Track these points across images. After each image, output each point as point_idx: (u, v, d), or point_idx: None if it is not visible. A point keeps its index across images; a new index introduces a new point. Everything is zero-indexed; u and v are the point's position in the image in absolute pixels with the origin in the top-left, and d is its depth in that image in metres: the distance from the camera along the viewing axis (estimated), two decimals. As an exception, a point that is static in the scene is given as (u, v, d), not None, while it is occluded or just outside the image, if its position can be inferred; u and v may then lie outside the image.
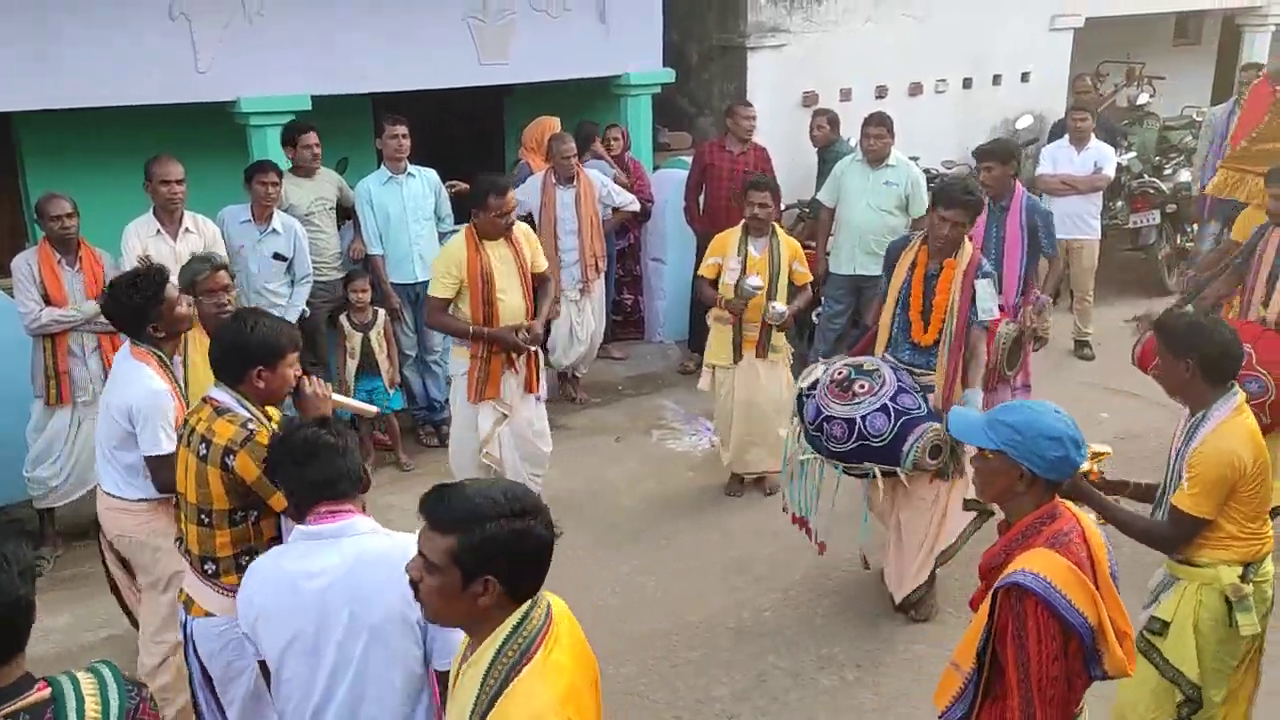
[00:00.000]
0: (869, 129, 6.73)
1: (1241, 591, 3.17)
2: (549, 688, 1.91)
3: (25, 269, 4.95)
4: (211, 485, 2.92)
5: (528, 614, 1.97)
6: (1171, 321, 3.32)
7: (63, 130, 6.45)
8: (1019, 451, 2.42)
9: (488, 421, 5.09)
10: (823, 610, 4.78)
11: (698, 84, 8.77)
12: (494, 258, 4.93)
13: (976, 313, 4.50)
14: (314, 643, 2.37)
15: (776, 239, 5.55)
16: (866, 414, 4.28)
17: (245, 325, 3.00)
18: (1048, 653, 2.29)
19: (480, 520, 1.91)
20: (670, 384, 7.53)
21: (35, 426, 5.10)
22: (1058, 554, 2.34)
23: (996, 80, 9.62)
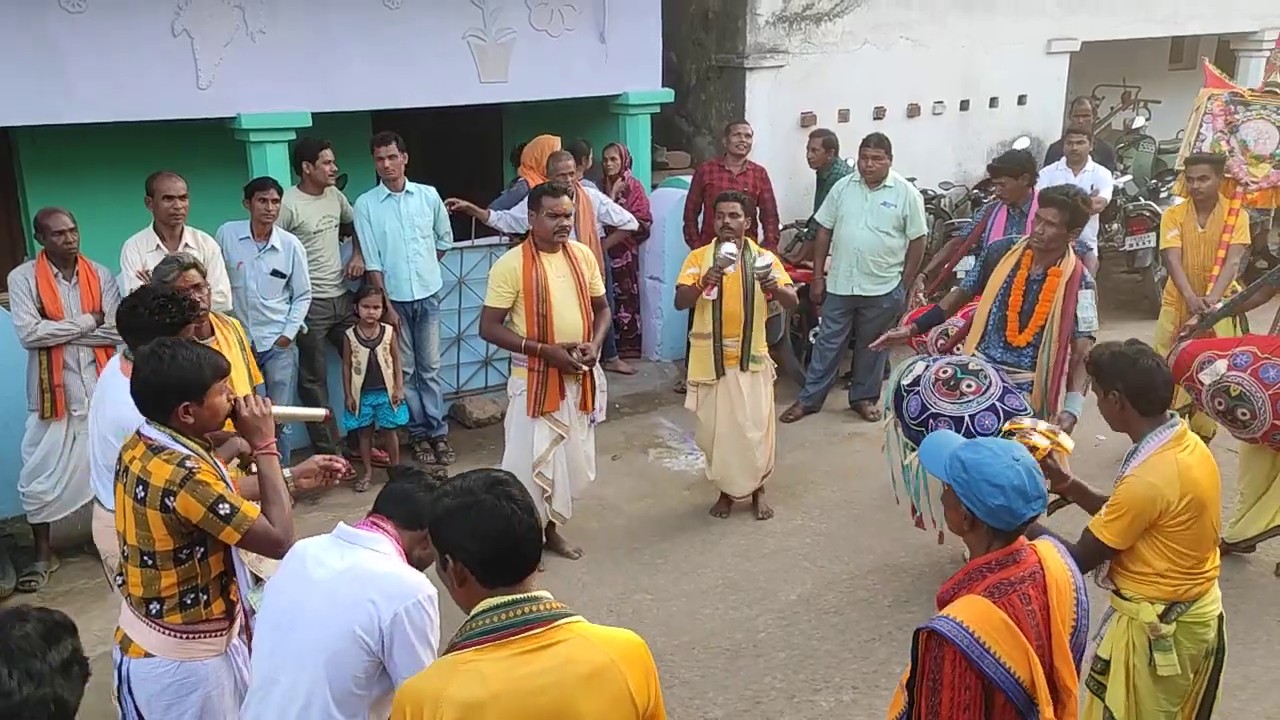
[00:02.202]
0: (867, 150, 6.76)
1: (1159, 630, 3.14)
2: (424, 681, 1.94)
3: (22, 282, 4.95)
4: (153, 528, 2.79)
5: (495, 608, 1.95)
6: (1096, 353, 3.30)
7: (62, 145, 6.46)
8: (962, 490, 2.37)
9: (544, 442, 5.08)
10: (819, 632, 4.76)
11: (696, 104, 8.81)
12: (551, 272, 4.95)
13: (1079, 322, 4.64)
14: (286, 620, 2.46)
15: (749, 252, 5.53)
16: (975, 413, 4.39)
17: (162, 361, 2.81)
18: (959, 701, 2.23)
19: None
20: (667, 402, 7.54)
21: (30, 440, 5.09)
22: (994, 605, 2.27)
23: (994, 103, 9.68)
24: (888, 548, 5.49)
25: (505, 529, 1.96)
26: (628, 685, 1.97)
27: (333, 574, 2.44)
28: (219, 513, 2.77)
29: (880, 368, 7.36)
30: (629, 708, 1.97)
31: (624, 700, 1.96)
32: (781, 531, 5.70)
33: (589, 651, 1.96)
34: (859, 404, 7.33)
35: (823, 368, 7.31)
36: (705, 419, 5.71)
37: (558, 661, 1.93)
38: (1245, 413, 4.58)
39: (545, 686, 1.91)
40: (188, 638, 2.91)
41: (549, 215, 4.89)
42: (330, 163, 6.11)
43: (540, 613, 1.97)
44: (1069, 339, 4.66)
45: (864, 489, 6.12)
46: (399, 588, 2.41)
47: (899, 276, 7.01)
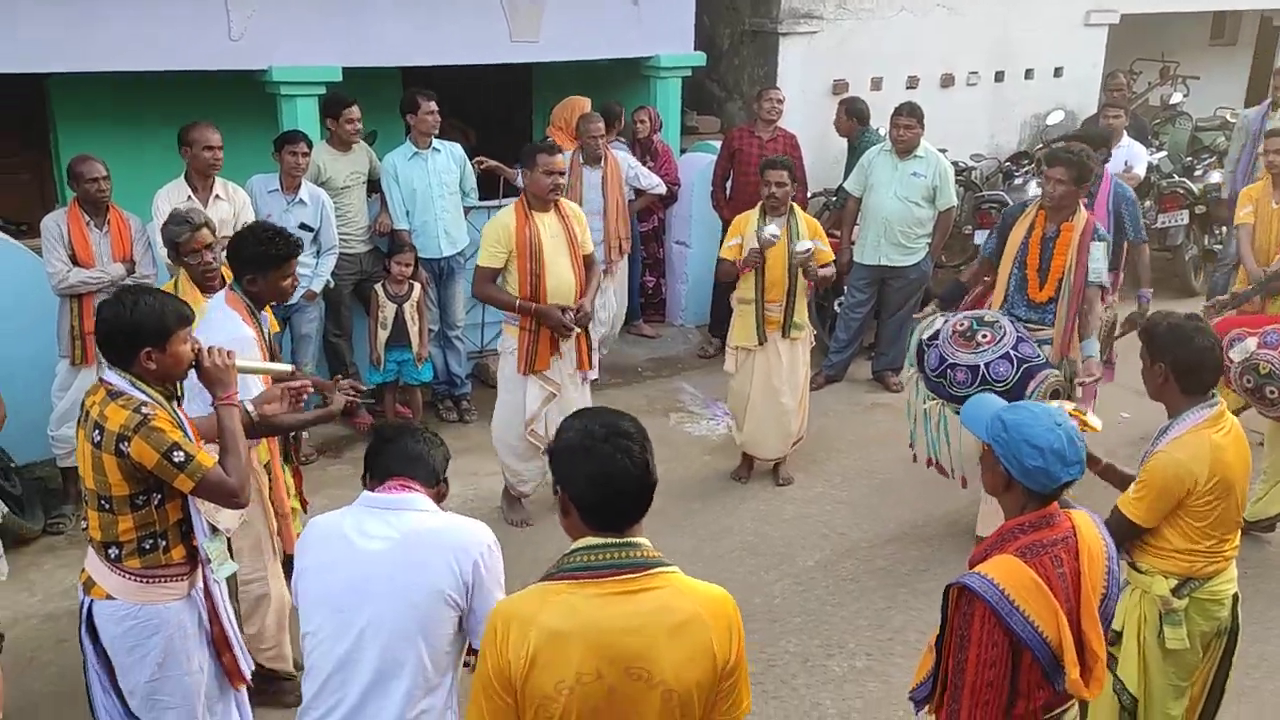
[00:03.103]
0: (899, 119, 6.70)
1: (1170, 604, 3.14)
2: (518, 602, 2.00)
3: (55, 229, 4.99)
4: (109, 472, 2.80)
5: (594, 547, 1.99)
6: (1153, 321, 3.26)
7: (95, 94, 6.49)
8: (1002, 450, 2.37)
9: (535, 399, 5.10)
10: (835, 598, 4.78)
11: (728, 68, 8.74)
12: (544, 230, 4.93)
13: (1089, 273, 4.79)
14: (350, 600, 2.40)
15: (795, 218, 5.52)
16: (990, 361, 4.57)
17: (124, 306, 2.80)
18: (986, 658, 2.25)
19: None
20: (689, 368, 7.54)
21: (60, 386, 5.16)
22: (1025, 565, 2.28)
23: (1029, 74, 9.55)
24: (907, 517, 5.50)
25: (612, 478, 1.98)
26: (711, 640, 1.99)
27: (391, 543, 2.40)
28: (173, 460, 2.78)
29: (905, 338, 7.30)
30: (709, 661, 1.99)
31: (706, 654, 1.98)
32: (801, 498, 5.72)
33: (679, 601, 1.99)
34: (882, 375, 7.31)
35: (847, 337, 7.28)
36: (740, 383, 5.71)
37: (647, 607, 1.97)
38: (1274, 390, 4.54)
39: (632, 629, 1.95)
40: (148, 582, 2.93)
41: (544, 173, 4.87)
42: (355, 120, 6.11)
43: (635, 559, 2.00)
44: (1081, 291, 4.79)
45: (885, 459, 6.12)
46: (468, 537, 2.41)
47: (926, 248, 6.96)
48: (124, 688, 2.99)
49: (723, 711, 2.05)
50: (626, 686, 1.94)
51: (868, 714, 4.04)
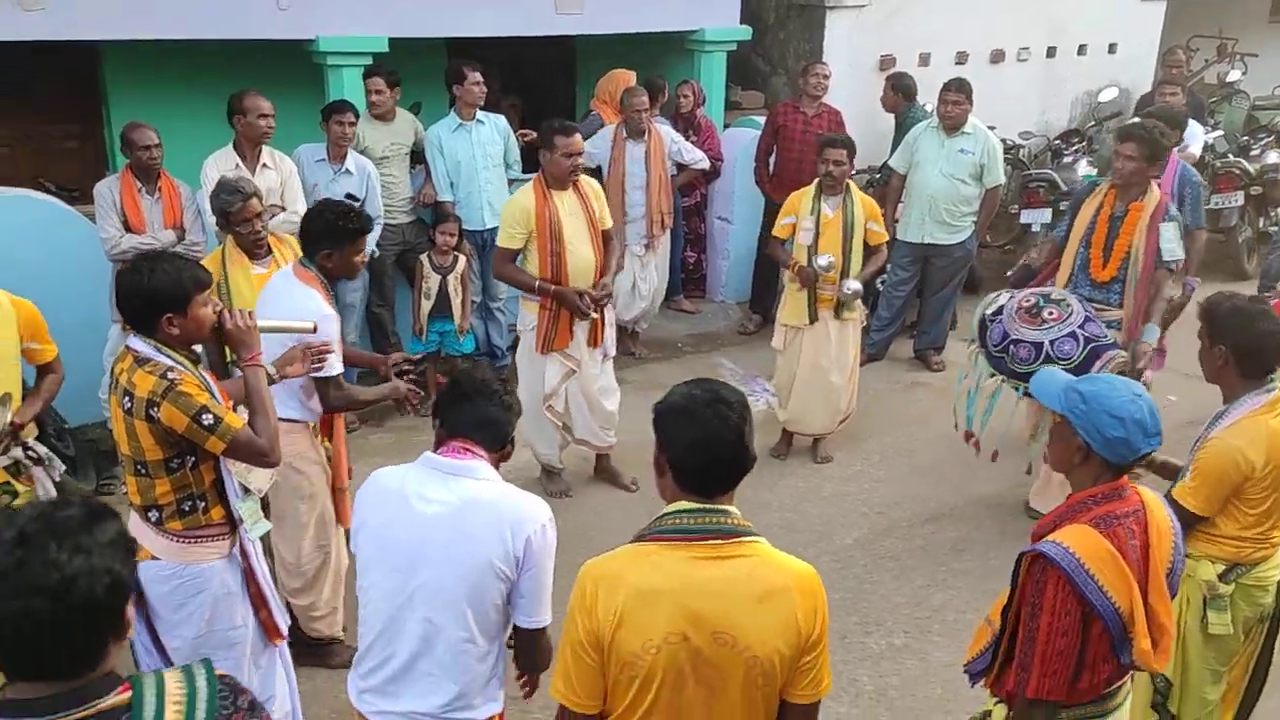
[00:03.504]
0: (947, 95, 6.60)
1: (1216, 590, 3.10)
2: (607, 562, 2.04)
3: (107, 195, 5.07)
4: (141, 438, 2.86)
5: (686, 511, 2.03)
6: (1213, 302, 3.19)
7: (147, 62, 6.57)
8: (1080, 422, 2.35)
9: (554, 376, 5.11)
10: (874, 576, 4.78)
11: (773, 43, 8.66)
12: (563, 209, 4.90)
13: (1161, 254, 4.73)
14: (406, 561, 2.43)
15: (851, 198, 5.47)
16: (1055, 338, 4.51)
17: (141, 274, 2.84)
18: (1058, 626, 2.25)
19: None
20: (729, 344, 7.53)
21: (112, 350, 5.25)
22: (1100, 534, 2.28)
23: (1082, 50, 9.36)
24: (947, 497, 5.47)
25: (711, 443, 2.02)
26: (797, 613, 2.01)
27: (450, 509, 2.42)
28: (202, 423, 2.83)
29: (947, 318, 7.26)
30: (794, 634, 2.01)
31: (791, 626, 2.00)
32: (840, 476, 5.70)
33: (767, 572, 2.02)
34: (923, 354, 7.25)
35: (889, 315, 7.22)
36: (787, 361, 5.69)
37: (737, 574, 1.99)
38: None
39: (720, 593, 1.97)
40: (190, 542, 3.00)
41: (563, 155, 4.82)
42: (373, 91, 6.11)
43: (726, 525, 2.03)
44: (1151, 271, 4.73)
45: (925, 438, 6.08)
46: (525, 513, 2.42)
47: (972, 226, 6.87)
48: (169, 646, 3.05)
49: (802, 687, 2.05)
50: (713, 651, 1.97)
51: (905, 691, 4.04)
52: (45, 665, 1.51)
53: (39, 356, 3.66)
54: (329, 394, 3.66)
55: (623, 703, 2.02)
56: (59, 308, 5.33)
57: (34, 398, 3.64)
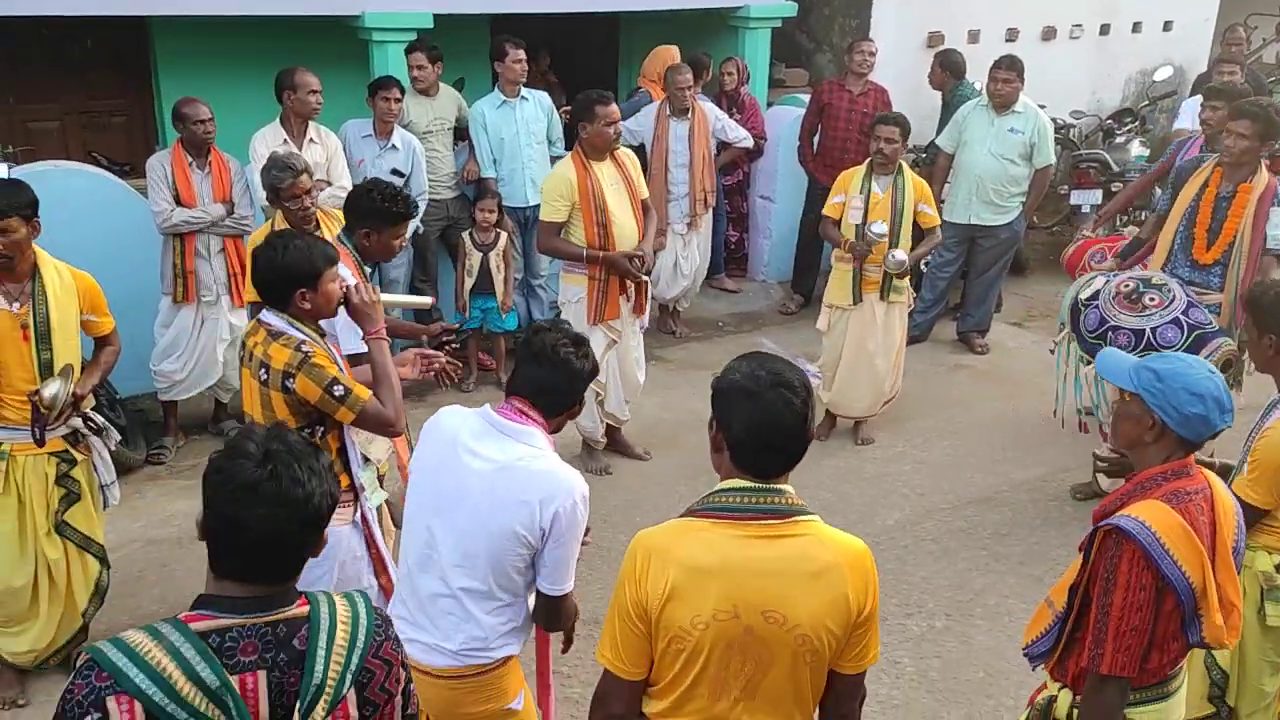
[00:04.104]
0: (997, 73, 6.49)
1: (1274, 580, 3.06)
2: (659, 535, 2.05)
3: (159, 170, 5.13)
4: (276, 408, 2.97)
5: (740, 490, 2.02)
6: (1258, 291, 3.14)
7: (195, 38, 6.63)
8: (1155, 399, 2.32)
9: (599, 347, 5.11)
10: (915, 558, 4.75)
11: (819, 19, 8.55)
12: (604, 179, 4.92)
13: (1268, 239, 4.58)
14: (445, 507, 2.51)
15: (903, 178, 5.41)
16: (1158, 326, 4.39)
17: (277, 251, 2.97)
18: (1133, 601, 2.23)
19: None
20: (771, 323, 7.50)
21: (162, 322, 5.33)
22: (1173, 509, 2.27)
23: (1136, 28, 9.16)
24: (989, 480, 5.42)
25: (771, 427, 2.00)
26: (848, 589, 2.01)
27: (492, 468, 2.46)
28: (334, 393, 2.94)
29: (992, 300, 7.17)
30: (845, 610, 2.01)
31: (841, 602, 2.00)
32: (882, 458, 5.67)
33: (818, 550, 2.02)
34: (967, 336, 7.17)
35: (932, 297, 7.15)
36: (833, 342, 5.67)
37: (788, 553, 2.00)
38: None
39: (771, 572, 1.98)
40: None
41: (605, 124, 4.84)
42: (414, 67, 6.12)
43: (779, 505, 2.03)
44: (1259, 256, 4.58)
45: (967, 421, 6.03)
46: (558, 487, 2.45)
47: (1020, 207, 6.77)
48: None
49: (850, 658, 2.07)
50: (763, 629, 1.98)
51: (946, 674, 4.02)
52: (269, 569, 1.71)
53: (97, 328, 3.74)
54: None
55: (669, 673, 2.04)
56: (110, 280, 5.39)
57: (93, 369, 3.72)
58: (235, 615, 1.67)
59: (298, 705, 1.67)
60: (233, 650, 1.65)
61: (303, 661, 1.69)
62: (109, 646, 1.62)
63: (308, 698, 1.68)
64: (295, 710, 1.67)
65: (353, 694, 1.73)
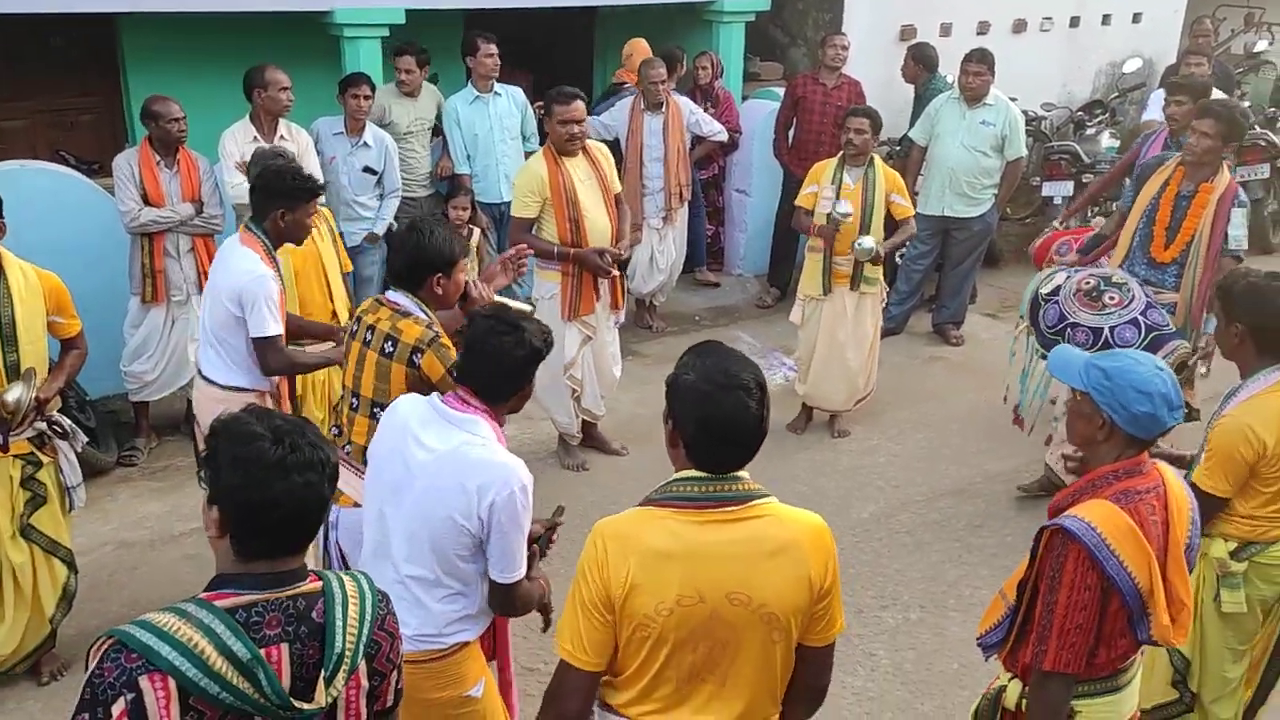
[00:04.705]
0: (968, 66, 6.53)
1: (1228, 568, 3.09)
2: (619, 523, 2.06)
3: (126, 168, 5.07)
4: (393, 380, 3.05)
5: (697, 479, 2.05)
6: (1229, 280, 3.15)
7: (164, 35, 6.56)
8: (1104, 398, 2.32)
9: (574, 343, 5.12)
10: (890, 551, 4.77)
11: (792, 13, 8.56)
12: (575, 175, 4.91)
13: (1228, 240, 4.57)
14: (392, 495, 2.55)
15: (874, 170, 5.42)
16: (1116, 325, 4.38)
17: (423, 234, 3.09)
18: (1077, 601, 2.24)
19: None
20: (747, 317, 7.51)
21: (132, 322, 5.28)
22: (1121, 510, 2.26)
23: (1105, 20, 9.23)
24: (964, 472, 5.45)
25: (726, 428, 2.03)
26: (809, 565, 2.05)
27: (434, 457, 2.50)
28: (454, 375, 2.99)
29: (966, 292, 7.22)
30: (806, 586, 2.05)
31: (803, 578, 2.04)
32: (857, 450, 5.69)
33: (778, 529, 2.05)
34: (942, 328, 7.21)
35: (907, 289, 7.18)
36: (807, 335, 5.68)
37: (748, 535, 2.03)
38: None
39: (732, 555, 2.01)
40: None
41: (559, 122, 4.82)
42: (402, 70, 6.12)
43: (736, 491, 2.06)
44: (1216, 258, 4.57)
45: (943, 413, 6.06)
46: (494, 476, 2.46)
47: (993, 199, 6.81)
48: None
49: (817, 632, 2.12)
50: (729, 612, 2.01)
51: (920, 665, 4.05)
52: (298, 540, 1.79)
53: (64, 330, 3.70)
54: (265, 356, 3.68)
55: (635, 661, 2.05)
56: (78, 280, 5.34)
57: (58, 372, 3.68)
58: (258, 591, 1.73)
59: (322, 674, 1.75)
60: (258, 624, 1.71)
61: (321, 634, 1.76)
62: (135, 628, 1.66)
63: (331, 665, 1.76)
64: (318, 680, 1.74)
65: (364, 664, 1.82)
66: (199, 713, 1.66)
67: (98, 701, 1.62)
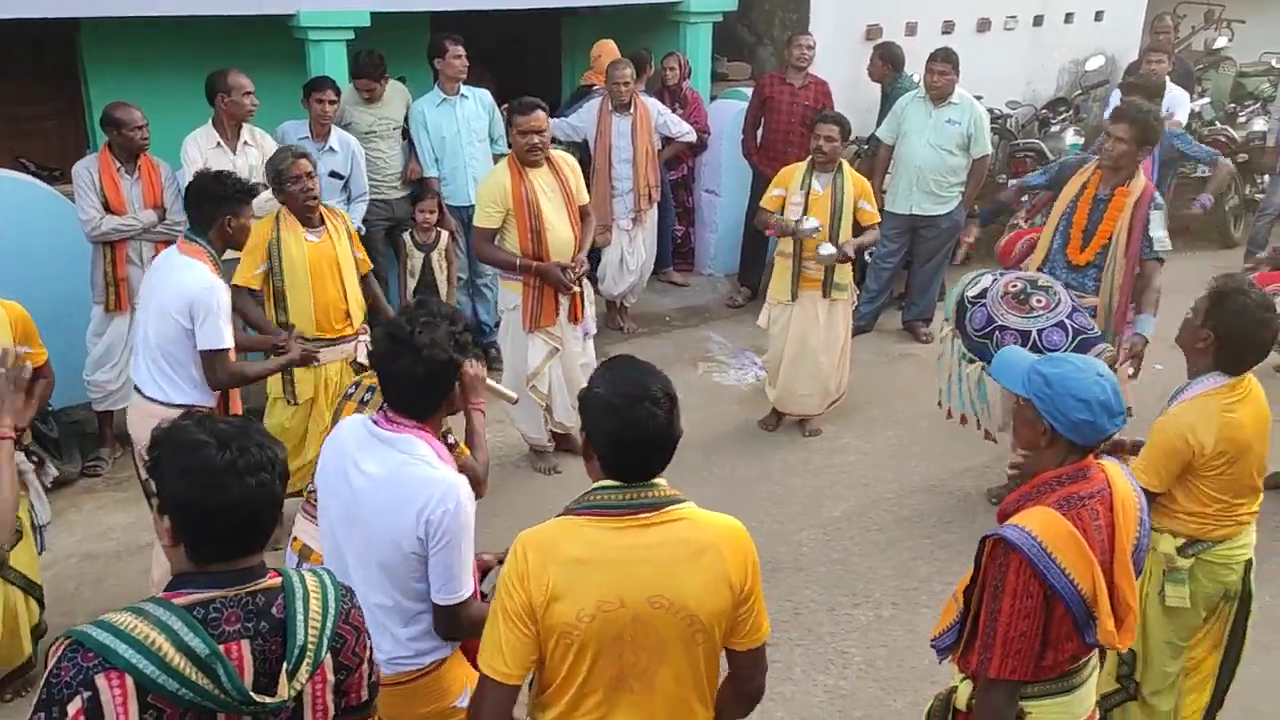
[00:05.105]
0: (933, 65, 6.57)
1: (1174, 563, 3.13)
2: (539, 534, 2.06)
3: (86, 176, 5.01)
4: None
5: (613, 488, 2.06)
6: (1226, 286, 3.14)
7: (126, 40, 6.48)
8: (1045, 405, 2.32)
9: (539, 355, 5.09)
10: (861, 548, 4.80)
11: (759, 13, 8.58)
12: (539, 186, 4.87)
13: (1151, 243, 4.59)
14: (341, 521, 2.51)
15: (842, 176, 5.44)
16: (1044, 328, 4.37)
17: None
18: (1021, 609, 2.23)
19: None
20: (718, 317, 7.52)
21: (95, 331, 5.21)
22: (1062, 516, 2.26)
23: (1068, 18, 9.31)
24: (934, 469, 5.49)
25: (637, 439, 2.05)
26: (728, 568, 2.07)
27: (373, 483, 2.43)
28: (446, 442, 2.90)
29: (935, 289, 7.26)
30: (727, 589, 2.07)
31: (723, 582, 2.06)
32: (828, 449, 5.72)
33: (696, 533, 2.07)
34: (912, 325, 7.25)
35: (877, 287, 7.22)
36: (776, 339, 5.69)
37: (666, 539, 2.05)
38: None
39: (650, 559, 2.03)
40: None
41: (519, 133, 4.79)
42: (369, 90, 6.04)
43: (652, 499, 2.07)
44: (1136, 261, 4.59)
45: (913, 410, 6.10)
46: (431, 494, 2.38)
47: (959, 196, 6.86)
48: None
49: (743, 636, 2.14)
50: (650, 615, 2.03)
51: (893, 662, 4.07)
52: (254, 539, 1.79)
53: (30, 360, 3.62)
54: (215, 369, 3.62)
55: (560, 673, 2.06)
56: (41, 289, 5.31)
57: (29, 402, 3.60)
58: (216, 588, 1.75)
59: (284, 666, 1.76)
60: (217, 621, 1.73)
61: (283, 629, 1.78)
62: (91, 628, 1.68)
63: (293, 659, 1.77)
64: (280, 674, 1.75)
65: (329, 658, 1.83)
66: (159, 710, 1.66)
67: (54, 701, 1.63)
